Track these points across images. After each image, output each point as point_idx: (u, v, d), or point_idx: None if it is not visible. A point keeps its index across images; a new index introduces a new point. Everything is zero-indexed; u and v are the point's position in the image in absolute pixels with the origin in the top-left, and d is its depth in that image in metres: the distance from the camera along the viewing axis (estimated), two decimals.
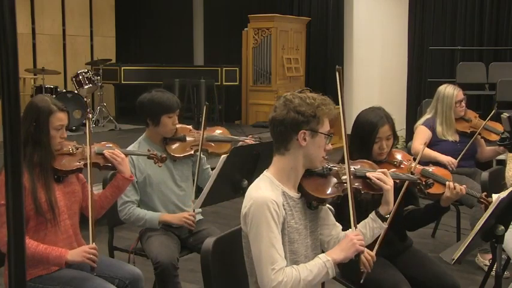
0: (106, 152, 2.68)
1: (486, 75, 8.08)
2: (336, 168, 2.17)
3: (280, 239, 1.94)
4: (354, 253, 2.00)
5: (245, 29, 9.52)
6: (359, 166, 2.32)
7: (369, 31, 9.27)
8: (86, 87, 8.00)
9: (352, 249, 1.99)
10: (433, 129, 4.16)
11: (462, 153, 3.99)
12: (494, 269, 2.56)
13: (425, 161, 3.81)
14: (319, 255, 2.00)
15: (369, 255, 2.17)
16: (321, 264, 1.96)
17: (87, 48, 9.96)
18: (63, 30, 9.58)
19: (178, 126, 3.20)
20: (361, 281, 2.27)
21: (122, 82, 9.26)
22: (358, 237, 2.01)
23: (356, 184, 2.21)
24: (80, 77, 8.00)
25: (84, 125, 7.74)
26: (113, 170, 2.82)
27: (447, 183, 2.52)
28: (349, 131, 2.30)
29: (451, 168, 3.89)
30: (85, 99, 7.83)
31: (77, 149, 2.63)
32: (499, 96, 7.44)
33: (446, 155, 4.02)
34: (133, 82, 9.22)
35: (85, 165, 2.58)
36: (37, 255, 2.39)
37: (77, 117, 7.62)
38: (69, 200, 2.60)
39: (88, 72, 8.17)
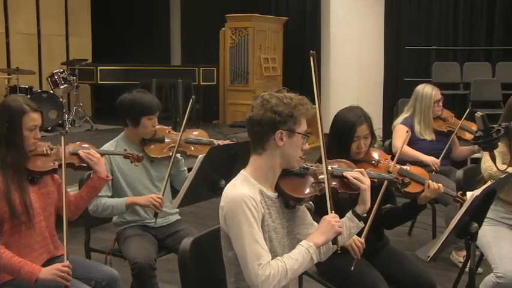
0: (81, 152, 2.65)
1: (460, 75, 8.21)
2: (313, 168, 2.17)
3: (261, 234, 1.95)
4: (333, 235, 2.01)
5: (222, 28, 9.50)
6: (336, 165, 2.33)
7: (346, 31, 9.33)
8: (62, 87, 7.90)
9: (332, 231, 2.00)
10: (411, 127, 4.21)
11: (443, 152, 4.06)
12: (468, 266, 2.60)
13: (407, 160, 3.86)
14: (301, 242, 2.00)
15: (358, 241, 2.25)
16: (304, 251, 1.97)
17: (62, 48, 9.82)
18: (38, 30, 9.44)
19: (157, 127, 3.18)
20: (352, 268, 2.30)
21: (99, 82, 9.16)
22: (335, 219, 2.02)
23: (333, 183, 2.22)
24: (56, 77, 7.89)
25: (60, 125, 7.65)
26: (89, 170, 2.79)
27: (426, 182, 2.55)
28: (326, 130, 2.32)
29: (434, 168, 3.96)
30: (61, 99, 7.73)
31: (51, 150, 2.60)
32: (473, 95, 7.57)
33: (423, 153, 4.08)
34: (109, 82, 9.12)
35: (60, 165, 2.54)
36: (8, 267, 2.35)
37: (53, 117, 7.52)
38: (44, 201, 2.57)
39: (64, 72, 8.06)
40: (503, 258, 2.81)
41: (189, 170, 2.92)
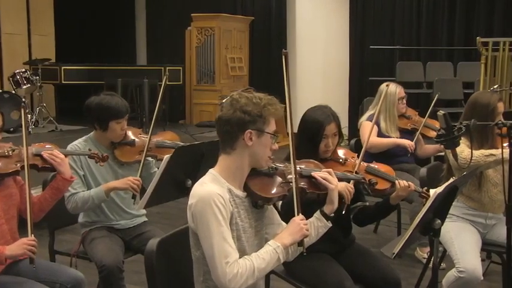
0: (44, 153, 2.60)
1: (424, 74, 8.38)
2: (282, 168, 2.18)
3: (229, 233, 1.96)
4: (301, 237, 2.04)
5: (188, 28, 9.46)
6: (304, 166, 2.34)
7: (312, 31, 9.40)
8: (24, 87, 7.75)
9: (300, 234, 2.04)
10: (377, 124, 4.28)
11: (414, 139, 4.17)
12: (432, 261, 2.65)
13: (377, 153, 3.98)
14: (269, 242, 2.03)
15: (350, 187, 2.42)
16: (272, 250, 1.99)
17: (24, 47, 9.59)
18: None
19: (128, 130, 3.12)
20: (343, 212, 2.36)
21: (63, 82, 9.02)
22: (304, 222, 2.06)
23: (302, 183, 2.23)
24: (18, 77, 7.73)
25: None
26: (53, 172, 2.74)
27: (396, 182, 2.59)
28: (294, 129, 2.33)
29: (410, 151, 4.10)
30: (23, 99, 7.58)
31: (13, 151, 2.54)
32: (436, 94, 7.71)
33: (389, 150, 4.16)
34: (74, 82, 8.99)
35: (22, 167, 2.49)
36: None
37: (15, 118, 7.36)
38: (6, 203, 2.51)
39: (26, 71, 7.90)
40: (465, 254, 2.88)
41: None
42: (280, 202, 2.22)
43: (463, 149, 2.88)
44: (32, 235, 2.38)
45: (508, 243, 2.62)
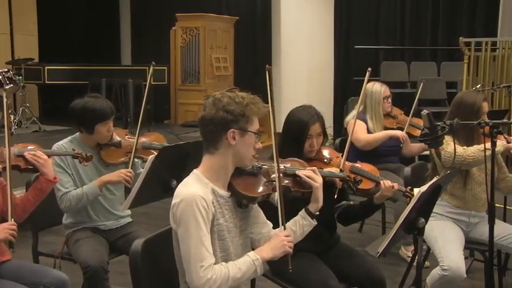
0: (27, 154, 2.57)
1: (408, 74, 8.44)
2: (266, 167, 2.18)
3: (209, 236, 1.95)
4: (282, 253, 2.04)
5: (173, 28, 9.43)
6: (289, 164, 2.35)
7: (297, 30, 9.41)
8: (7, 87, 7.64)
9: (282, 250, 2.04)
10: (365, 122, 4.30)
11: (405, 128, 4.21)
12: (416, 260, 2.67)
13: (375, 146, 4.05)
14: (248, 253, 2.03)
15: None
16: (250, 262, 1.99)
17: (7, 46, 9.49)
18: None
19: (114, 131, 3.10)
20: (335, 196, 2.43)
21: (46, 82, 8.93)
22: (288, 239, 2.06)
23: (286, 182, 2.23)
24: (0, 77, 7.64)
25: (3, 126, 7.40)
26: (35, 173, 2.71)
27: (381, 182, 2.60)
28: (278, 129, 2.33)
29: (402, 141, 4.16)
30: (5, 99, 7.49)
31: None
32: (420, 94, 7.77)
33: (376, 149, 4.18)
34: (58, 82, 8.91)
35: (4, 168, 2.46)
36: None
37: None
38: None
39: (9, 71, 7.81)
40: (449, 252, 2.90)
41: None
42: (276, 198, 2.21)
43: (455, 146, 2.90)
44: (12, 219, 2.37)
45: (490, 241, 2.65)
